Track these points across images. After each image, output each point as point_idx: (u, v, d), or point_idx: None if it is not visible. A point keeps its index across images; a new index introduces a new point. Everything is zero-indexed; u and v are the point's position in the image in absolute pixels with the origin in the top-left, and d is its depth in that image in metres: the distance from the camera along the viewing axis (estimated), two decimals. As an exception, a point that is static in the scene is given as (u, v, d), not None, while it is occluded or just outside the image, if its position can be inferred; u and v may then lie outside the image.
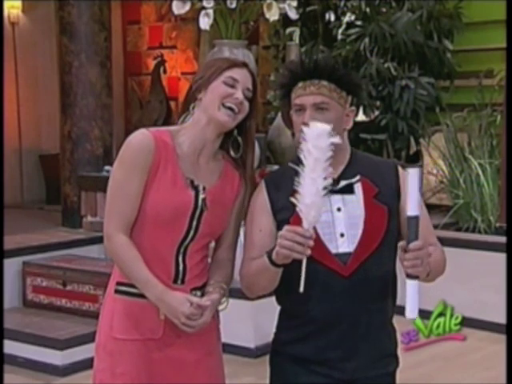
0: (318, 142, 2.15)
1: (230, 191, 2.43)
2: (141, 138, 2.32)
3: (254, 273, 2.31)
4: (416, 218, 2.13)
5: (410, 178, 2.14)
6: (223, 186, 2.41)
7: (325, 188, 2.16)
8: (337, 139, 2.18)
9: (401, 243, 2.15)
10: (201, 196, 2.35)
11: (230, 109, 2.32)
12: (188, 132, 2.38)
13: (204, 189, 2.36)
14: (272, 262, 2.21)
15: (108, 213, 2.35)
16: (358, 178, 2.37)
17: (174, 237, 2.35)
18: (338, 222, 2.32)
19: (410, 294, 2.13)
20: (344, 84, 2.35)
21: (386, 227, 2.34)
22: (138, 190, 2.30)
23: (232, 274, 2.48)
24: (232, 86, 2.33)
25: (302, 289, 2.15)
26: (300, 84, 2.34)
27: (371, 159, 2.49)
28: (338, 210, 2.33)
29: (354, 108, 2.41)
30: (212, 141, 2.38)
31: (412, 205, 2.14)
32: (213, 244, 2.50)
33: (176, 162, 2.34)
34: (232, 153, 2.43)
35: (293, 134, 2.48)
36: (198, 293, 2.38)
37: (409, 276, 2.13)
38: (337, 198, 2.34)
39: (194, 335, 2.36)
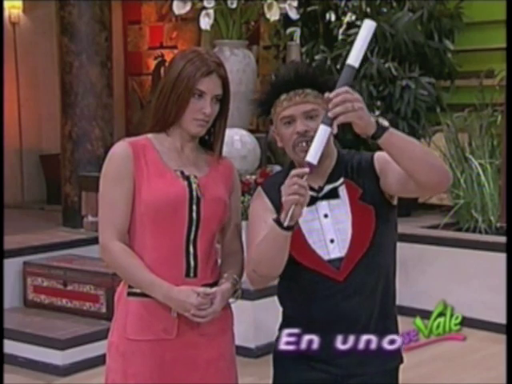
0: None
1: (224, 180, 2.49)
2: (119, 148, 2.43)
3: (261, 246, 2.26)
4: (352, 68, 2.11)
5: (363, 29, 2.12)
6: (215, 175, 2.47)
7: None
8: None
9: (326, 94, 2.11)
10: (194, 184, 2.40)
11: (201, 120, 2.39)
12: (165, 137, 2.46)
13: (195, 177, 2.42)
14: (280, 225, 2.16)
15: (101, 225, 2.42)
16: (341, 180, 2.36)
17: (178, 229, 2.38)
18: (327, 228, 2.33)
19: (317, 139, 2.12)
20: (325, 89, 2.29)
21: (375, 227, 2.34)
22: (126, 197, 2.38)
23: (243, 263, 2.50)
24: (200, 96, 2.38)
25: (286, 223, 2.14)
26: (283, 96, 2.32)
27: (354, 158, 2.43)
28: (325, 216, 2.34)
29: None
30: (190, 140, 2.46)
31: (354, 54, 2.12)
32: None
33: (157, 157, 2.41)
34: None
35: (282, 148, 2.44)
36: (209, 289, 2.40)
37: (323, 121, 2.12)
38: (323, 204, 2.35)
39: (207, 336, 2.40)
